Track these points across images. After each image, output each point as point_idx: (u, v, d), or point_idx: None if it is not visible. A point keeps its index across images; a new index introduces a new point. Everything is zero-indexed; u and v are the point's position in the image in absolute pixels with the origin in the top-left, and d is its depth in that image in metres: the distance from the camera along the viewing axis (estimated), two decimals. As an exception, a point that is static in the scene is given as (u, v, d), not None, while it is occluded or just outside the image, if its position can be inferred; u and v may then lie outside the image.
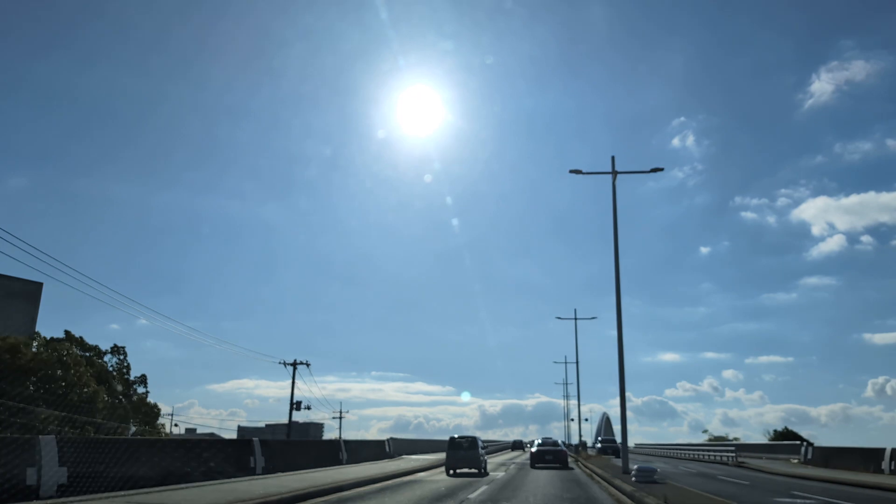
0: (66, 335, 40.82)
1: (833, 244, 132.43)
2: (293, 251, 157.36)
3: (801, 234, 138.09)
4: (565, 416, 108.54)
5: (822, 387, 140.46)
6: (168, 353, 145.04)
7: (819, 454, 38.92)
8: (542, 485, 22.78)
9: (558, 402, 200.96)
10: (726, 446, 50.12)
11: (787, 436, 59.97)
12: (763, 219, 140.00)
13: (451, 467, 27.92)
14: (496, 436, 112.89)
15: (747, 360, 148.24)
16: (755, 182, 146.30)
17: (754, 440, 63.16)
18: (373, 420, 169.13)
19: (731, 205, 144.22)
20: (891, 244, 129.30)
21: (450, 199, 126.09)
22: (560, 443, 38.90)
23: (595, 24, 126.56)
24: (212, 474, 18.94)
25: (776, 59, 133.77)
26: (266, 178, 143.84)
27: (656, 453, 66.36)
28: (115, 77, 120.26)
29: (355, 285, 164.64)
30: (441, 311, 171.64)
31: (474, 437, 29.45)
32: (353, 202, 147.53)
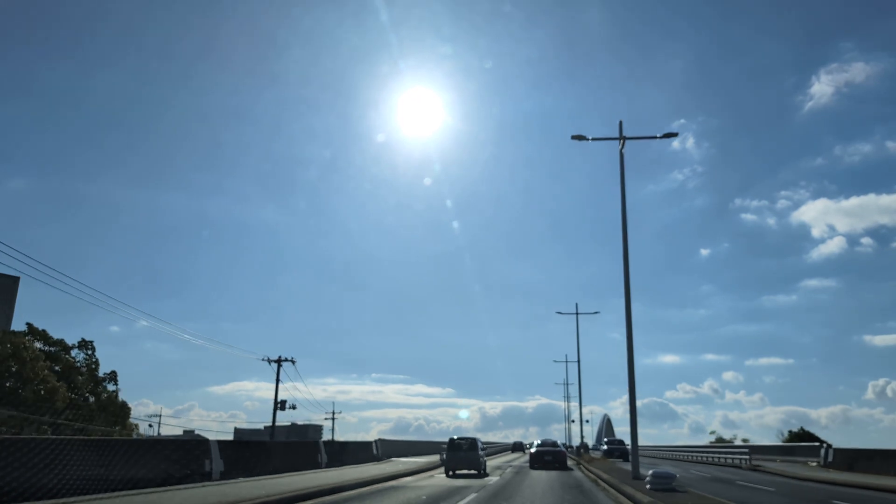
0: (28, 328, 37.78)
1: (833, 246, 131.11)
2: (294, 253, 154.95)
3: (802, 236, 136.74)
4: (566, 417, 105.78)
5: (823, 389, 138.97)
6: (168, 354, 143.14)
7: (841, 457, 36.14)
8: (539, 492, 19.83)
9: (559, 403, 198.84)
10: (738, 448, 46.81)
11: (803, 437, 56.47)
12: (763, 221, 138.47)
13: (451, 468, 27.78)
14: (496, 438, 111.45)
15: (747, 362, 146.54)
16: (755, 184, 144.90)
17: (759, 441, 59.75)
18: (373, 422, 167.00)
19: (731, 207, 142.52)
20: (891, 246, 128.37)
21: (450, 202, 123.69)
22: (559, 444, 38.99)
23: (593, 27, 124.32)
24: (149, 481, 15.99)
25: (776, 62, 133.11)
26: (267, 180, 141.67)
27: (661, 455, 62.95)
28: (117, 82, 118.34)
29: (356, 287, 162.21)
30: (441, 314, 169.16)
31: (474, 438, 29.23)
32: (353, 204, 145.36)
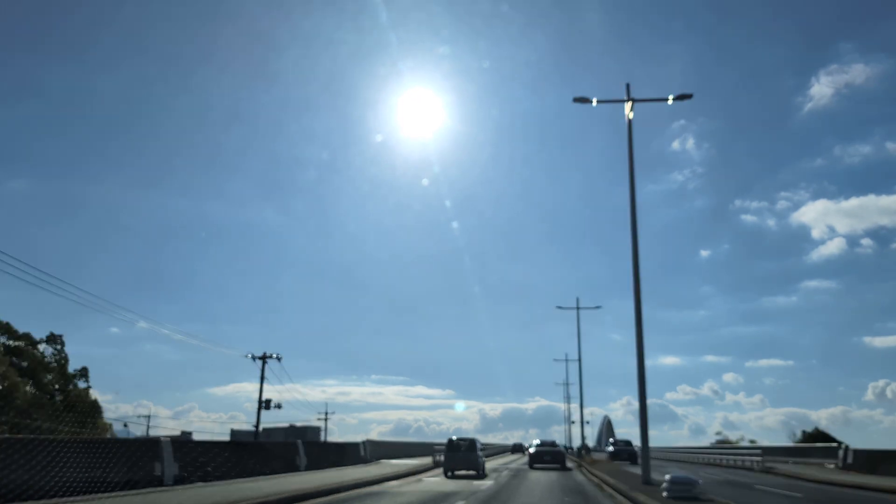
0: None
1: (833, 247, 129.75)
2: (293, 255, 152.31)
3: (801, 238, 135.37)
4: (566, 418, 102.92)
5: (823, 390, 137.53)
6: (168, 356, 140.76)
7: (861, 459, 33.72)
8: (536, 499, 17.42)
9: (559, 405, 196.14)
10: (749, 450, 44.28)
11: (816, 437, 53.77)
12: (763, 222, 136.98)
13: (449, 469, 27.57)
14: (496, 439, 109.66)
15: (747, 364, 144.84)
16: (755, 185, 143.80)
17: (763, 442, 57.24)
18: (373, 424, 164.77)
19: (731, 208, 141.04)
20: (891, 247, 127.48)
21: (449, 203, 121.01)
22: (559, 446, 38.77)
23: (591, 29, 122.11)
24: (79, 488, 13.52)
25: (775, 63, 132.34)
26: (267, 182, 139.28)
27: (666, 457, 60.29)
28: (119, 85, 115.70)
29: (355, 288, 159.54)
30: (441, 315, 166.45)
31: (473, 438, 28.95)
32: (352, 205, 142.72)
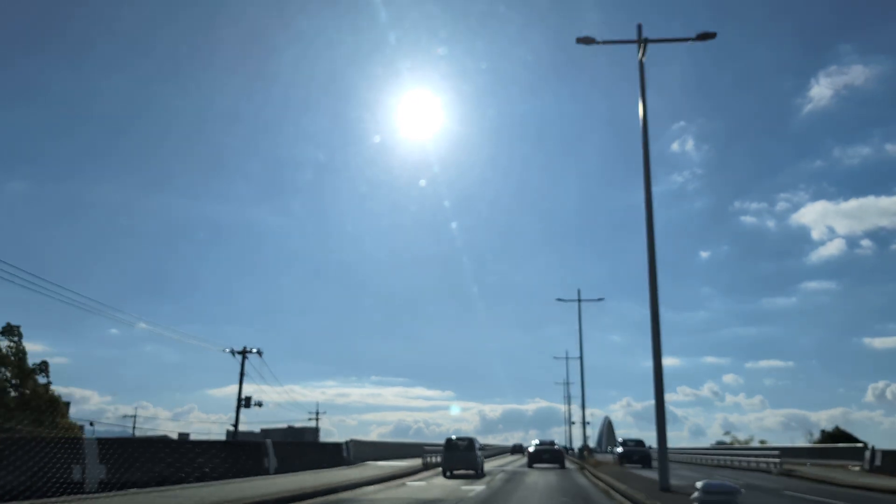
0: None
1: (833, 248, 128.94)
2: (292, 256, 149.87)
3: (801, 239, 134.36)
4: (566, 419, 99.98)
5: (822, 391, 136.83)
6: (168, 357, 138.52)
7: (890, 460, 30.81)
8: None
9: (559, 406, 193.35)
10: (765, 451, 41.19)
11: (837, 437, 50.58)
12: (763, 223, 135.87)
13: (448, 468, 27.59)
14: (496, 440, 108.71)
15: (747, 365, 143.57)
16: (754, 186, 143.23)
17: (770, 443, 54.20)
18: (373, 425, 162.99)
19: (731, 209, 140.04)
20: (890, 248, 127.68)
21: (447, 203, 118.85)
22: (557, 444, 39.77)
23: (590, 30, 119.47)
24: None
25: (775, 64, 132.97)
26: (265, 183, 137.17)
27: (673, 458, 57.41)
28: (120, 88, 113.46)
29: (354, 290, 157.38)
30: (440, 315, 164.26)
31: (471, 438, 28.94)
32: (351, 206, 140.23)
